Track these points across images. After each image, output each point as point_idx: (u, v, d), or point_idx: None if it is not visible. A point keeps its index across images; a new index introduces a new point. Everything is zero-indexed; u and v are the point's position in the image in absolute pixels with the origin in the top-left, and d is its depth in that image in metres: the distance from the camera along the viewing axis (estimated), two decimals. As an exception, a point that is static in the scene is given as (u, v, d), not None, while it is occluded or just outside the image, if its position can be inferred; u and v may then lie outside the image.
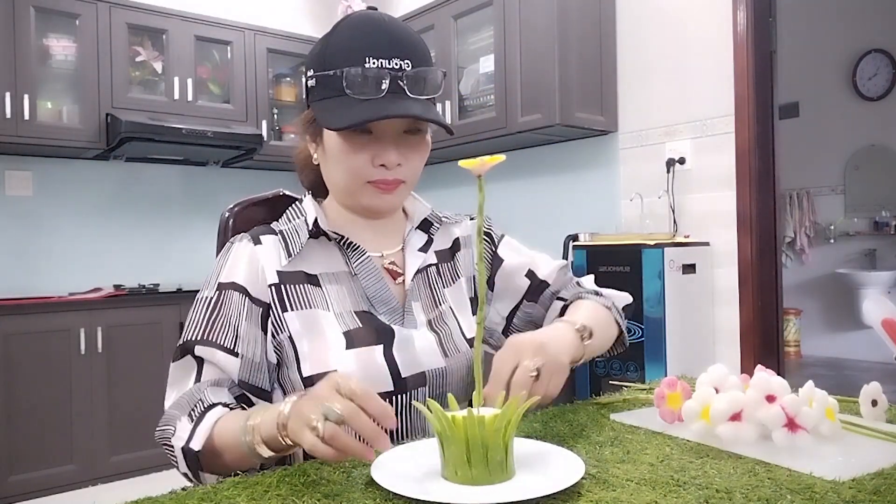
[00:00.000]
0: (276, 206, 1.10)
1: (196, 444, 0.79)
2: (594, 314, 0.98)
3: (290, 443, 0.72)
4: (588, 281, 1.11)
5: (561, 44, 2.88)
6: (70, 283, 3.42)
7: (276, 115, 3.94)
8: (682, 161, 2.81)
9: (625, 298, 1.09)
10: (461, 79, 3.42)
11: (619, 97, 3.07)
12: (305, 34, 4.02)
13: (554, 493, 0.61)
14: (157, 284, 3.49)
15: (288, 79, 4.00)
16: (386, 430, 0.68)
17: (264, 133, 3.74)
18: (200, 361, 0.89)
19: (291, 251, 0.94)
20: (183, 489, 0.68)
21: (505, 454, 0.66)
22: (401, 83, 0.87)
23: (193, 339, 0.89)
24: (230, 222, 1.11)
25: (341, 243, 0.97)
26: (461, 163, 0.70)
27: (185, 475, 0.83)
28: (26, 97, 3.09)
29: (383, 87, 0.86)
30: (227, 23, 3.70)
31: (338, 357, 0.90)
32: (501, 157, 0.69)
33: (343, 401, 0.66)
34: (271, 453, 0.74)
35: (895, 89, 5.17)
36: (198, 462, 0.80)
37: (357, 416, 0.66)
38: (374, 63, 0.87)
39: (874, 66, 5.25)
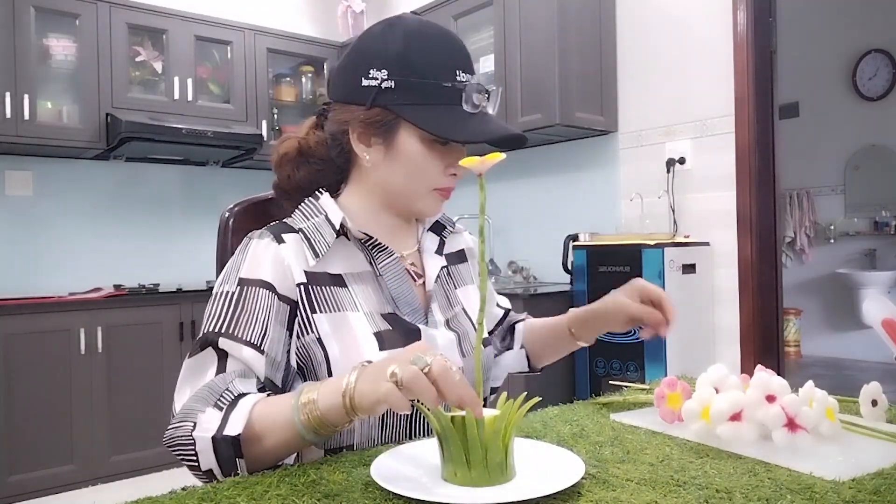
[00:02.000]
0: (276, 206, 1.10)
1: (234, 430, 0.74)
2: None
3: (356, 411, 0.70)
4: (504, 301, 1.25)
5: (561, 44, 2.88)
6: (70, 283, 3.42)
7: (275, 115, 3.94)
8: (682, 161, 2.81)
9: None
10: (461, 79, 3.41)
11: (619, 97, 3.07)
12: (305, 34, 4.02)
13: (554, 493, 0.62)
14: (157, 284, 3.49)
15: (288, 79, 4.00)
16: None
17: (264, 133, 3.74)
18: (223, 355, 0.84)
19: (318, 251, 0.92)
20: (183, 489, 0.68)
21: (504, 456, 0.66)
22: (486, 99, 0.93)
23: (217, 330, 0.85)
24: (230, 222, 1.11)
25: (367, 244, 0.96)
26: (461, 161, 0.71)
27: (207, 474, 0.76)
28: (26, 97, 3.09)
29: (478, 103, 0.91)
30: (227, 23, 3.70)
31: (372, 359, 0.87)
32: (501, 156, 0.69)
33: (435, 357, 0.66)
34: (326, 432, 0.73)
35: (895, 89, 5.17)
36: (235, 450, 0.74)
37: (447, 372, 0.64)
38: (463, 77, 0.91)
39: (874, 66, 5.25)
